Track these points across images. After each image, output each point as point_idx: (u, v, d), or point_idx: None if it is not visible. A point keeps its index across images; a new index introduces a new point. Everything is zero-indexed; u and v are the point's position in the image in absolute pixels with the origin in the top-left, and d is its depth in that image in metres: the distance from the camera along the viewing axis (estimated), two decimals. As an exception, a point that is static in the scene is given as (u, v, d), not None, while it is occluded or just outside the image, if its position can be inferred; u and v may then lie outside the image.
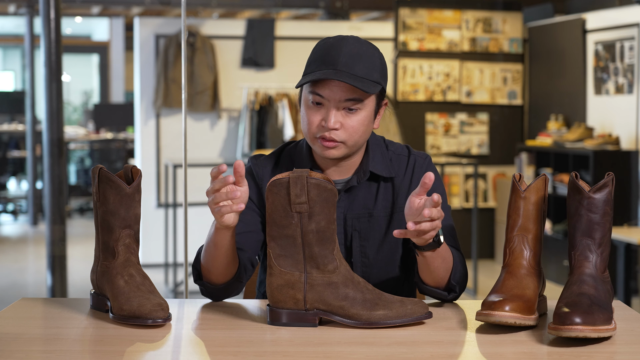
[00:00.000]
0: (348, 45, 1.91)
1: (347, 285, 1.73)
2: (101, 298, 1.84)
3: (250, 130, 7.24)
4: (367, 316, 1.71)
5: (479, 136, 7.69)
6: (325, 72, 1.89)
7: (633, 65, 6.34)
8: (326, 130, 1.92)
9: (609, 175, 1.75)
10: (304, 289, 1.73)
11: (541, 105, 7.50)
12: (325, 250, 1.72)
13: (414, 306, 1.73)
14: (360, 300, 1.72)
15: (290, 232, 1.72)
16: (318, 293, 1.72)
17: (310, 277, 1.73)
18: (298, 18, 9.85)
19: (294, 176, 1.70)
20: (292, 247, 1.72)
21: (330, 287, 1.72)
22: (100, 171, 1.80)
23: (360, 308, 1.71)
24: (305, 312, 1.73)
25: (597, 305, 1.65)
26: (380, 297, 1.73)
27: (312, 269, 1.73)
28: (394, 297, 1.75)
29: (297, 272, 1.73)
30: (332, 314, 1.72)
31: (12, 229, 9.59)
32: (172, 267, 6.67)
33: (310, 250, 1.72)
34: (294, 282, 1.73)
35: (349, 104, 1.91)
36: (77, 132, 10.78)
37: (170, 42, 7.25)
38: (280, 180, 1.71)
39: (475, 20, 7.63)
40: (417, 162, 2.06)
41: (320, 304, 1.73)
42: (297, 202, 1.70)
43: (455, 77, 7.60)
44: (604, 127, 6.68)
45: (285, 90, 7.36)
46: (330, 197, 1.71)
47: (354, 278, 1.74)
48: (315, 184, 1.70)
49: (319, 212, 1.71)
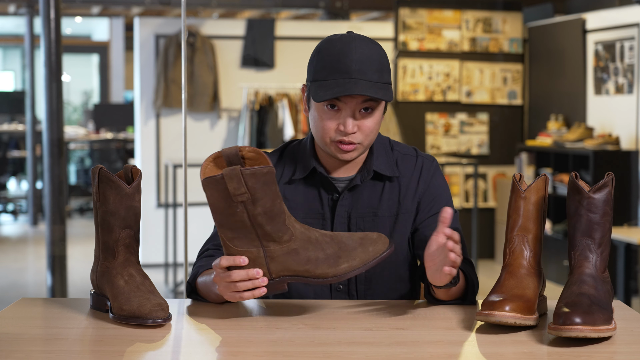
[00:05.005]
0: (356, 49, 1.90)
1: (307, 248, 1.72)
2: (101, 298, 1.84)
3: (250, 130, 7.24)
4: (332, 272, 1.72)
5: (479, 136, 7.69)
6: (342, 83, 1.87)
7: (633, 65, 6.34)
8: (344, 134, 1.92)
9: (608, 175, 1.75)
10: (266, 262, 1.73)
11: (541, 105, 7.50)
12: (277, 225, 1.71)
13: (375, 246, 1.74)
14: (323, 258, 1.72)
15: (238, 218, 1.70)
16: (281, 263, 1.73)
17: (269, 250, 1.73)
18: (298, 18, 9.85)
19: (227, 172, 1.67)
20: (242, 230, 1.71)
21: (291, 254, 1.72)
22: (100, 171, 1.80)
23: (324, 267, 1.72)
24: (273, 281, 1.73)
25: (597, 305, 1.65)
26: (340, 247, 1.73)
27: (269, 242, 1.72)
28: (354, 238, 1.74)
29: (255, 249, 1.73)
30: (298, 277, 1.73)
31: (12, 229, 9.59)
32: (172, 267, 6.67)
33: (263, 229, 1.71)
34: (254, 258, 1.73)
35: (365, 105, 1.91)
36: (77, 132, 10.78)
37: (170, 42, 7.25)
38: (214, 178, 1.68)
39: (475, 20, 7.63)
40: (424, 165, 2.06)
41: (285, 272, 1.73)
42: (237, 194, 1.68)
43: (455, 77, 7.60)
44: (604, 127, 6.67)
45: (285, 90, 7.36)
46: (268, 178, 1.69)
47: (311, 237, 1.73)
48: (251, 174, 1.67)
49: (261, 196, 1.69)
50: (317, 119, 1.94)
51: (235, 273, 1.72)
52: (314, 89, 1.92)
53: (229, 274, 1.72)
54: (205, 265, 1.96)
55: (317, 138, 1.97)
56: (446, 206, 2.03)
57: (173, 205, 6.44)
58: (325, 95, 1.88)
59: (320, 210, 2.02)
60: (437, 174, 2.06)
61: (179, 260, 6.66)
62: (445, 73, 7.57)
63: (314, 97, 1.91)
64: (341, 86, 1.87)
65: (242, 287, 1.72)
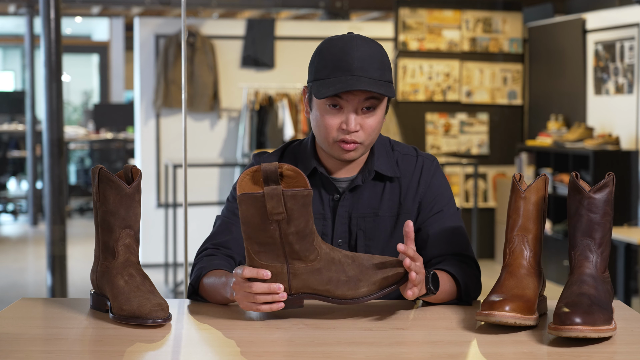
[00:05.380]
0: (357, 47, 1.90)
1: (330, 269, 1.73)
2: (101, 298, 1.84)
3: (250, 130, 7.24)
4: (352, 294, 1.74)
5: (479, 136, 7.69)
6: (344, 80, 1.87)
7: (633, 65, 6.34)
8: (346, 133, 1.92)
9: (609, 175, 1.75)
10: (288, 279, 1.73)
11: (541, 105, 7.50)
12: (305, 244, 1.72)
13: (394, 273, 1.74)
14: (344, 280, 1.73)
15: (269, 234, 1.71)
16: (303, 281, 1.73)
17: (293, 267, 1.73)
18: (298, 18, 9.84)
19: (269, 191, 1.68)
20: (271, 246, 1.72)
21: (314, 274, 1.73)
22: (100, 171, 1.80)
23: (345, 289, 1.73)
24: (291, 296, 1.74)
25: (597, 305, 1.65)
26: (362, 271, 1.74)
27: (294, 260, 1.73)
28: (374, 262, 1.75)
29: (279, 264, 1.73)
30: (317, 295, 1.74)
31: (12, 229, 9.59)
32: (172, 267, 6.67)
33: (291, 248, 1.72)
34: (277, 273, 1.73)
35: (368, 104, 1.91)
36: (77, 132, 10.78)
37: (170, 42, 7.25)
38: (254, 195, 1.68)
39: (475, 20, 7.63)
40: (425, 165, 2.06)
41: (305, 289, 1.74)
42: (274, 213, 1.69)
43: (455, 77, 7.59)
44: (604, 127, 6.67)
45: (285, 90, 7.36)
46: (306, 201, 1.70)
47: (334, 258, 1.74)
48: (291, 196, 1.68)
49: (297, 217, 1.70)
50: (319, 118, 1.94)
51: (257, 285, 1.72)
52: (315, 87, 1.92)
53: (250, 285, 1.72)
54: (207, 266, 1.95)
55: (319, 138, 1.97)
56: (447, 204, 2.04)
57: (173, 205, 6.44)
58: (327, 92, 1.88)
59: (321, 211, 2.01)
60: (438, 173, 2.06)
61: (179, 260, 6.66)
62: (445, 73, 7.57)
63: (315, 94, 1.91)
64: (343, 82, 1.87)
65: (261, 299, 1.73)
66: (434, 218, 2.01)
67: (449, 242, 2.00)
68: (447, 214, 2.02)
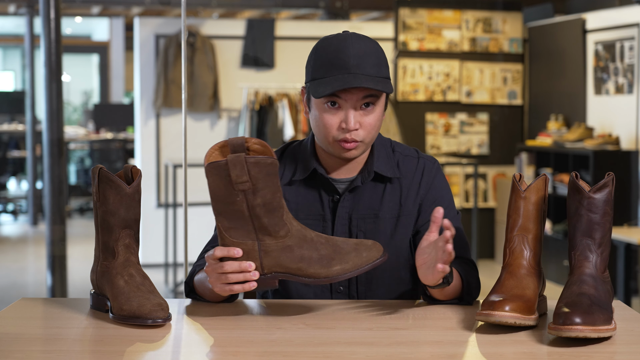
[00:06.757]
0: (353, 44, 1.90)
1: (302, 246, 1.73)
2: (101, 298, 1.84)
3: (250, 130, 7.24)
4: (325, 273, 1.73)
5: (479, 136, 7.69)
6: (341, 78, 1.87)
7: (633, 65, 6.34)
8: (346, 132, 1.91)
9: (609, 175, 1.75)
10: (260, 256, 1.73)
11: (541, 105, 7.50)
12: (274, 218, 1.72)
13: (369, 252, 1.74)
14: (317, 258, 1.73)
15: (237, 207, 1.71)
16: (274, 258, 1.73)
17: (264, 244, 1.73)
18: (298, 18, 9.84)
19: (232, 158, 1.67)
20: (240, 220, 1.72)
21: (285, 250, 1.73)
22: (100, 171, 1.80)
23: (317, 267, 1.72)
24: (264, 276, 1.74)
25: (597, 305, 1.65)
26: (335, 249, 1.74)
27: (264, 236, 1.73)
28: (349, 243, 1.75)
29: (250, 241, 1.73)
30: (290, 274, 1.74)
31: (12, 229, 9.59)
32: (172, 267, 6.67)
33: (260, 221, 1.72)
34: (248, 250, 1.73)
35: (366, 101, 1.91)
36: (77, 132, 10.78)
37: (170, 42, 7.26)
38: (217, 163, 1.68)
39: (475, 20, 7.63)
40: (426, 167, 2.05)
41: (277, 268, 1.74)
42: (239, 182, 1.68)
43: (455, 77, 7.59)
44: (604, 127, 6.67)
45: (285, 90, 7.36)
46: (271, 170, 1.69)
47: (307, 236, 1.74)
48: (255, 163, 1.68)
49: (262, 186, 1.69)
50: (318, 118, 1.94)
51: (227, 264, 1.72)
52: (313, 87, 1.91)
53: (221, 265, 1.73)
54: (202, 264, 1.96)
55: (319, 138, 1.97)
56: (447, 207, 2.04)
57: (173, 205, 6.44)
58: (325, 91, 1.88)
59: (320, 212, 2.01)
60: (439, 175, 2.06)
61: (179, 260, 6.66)
62: (445, 73, 7.57)
63: (313, 94, 1.90)
64: (340, 81, 1.87)
65: (233, 279, 1.72)
66: None
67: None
68: (447, 217, 2.02)
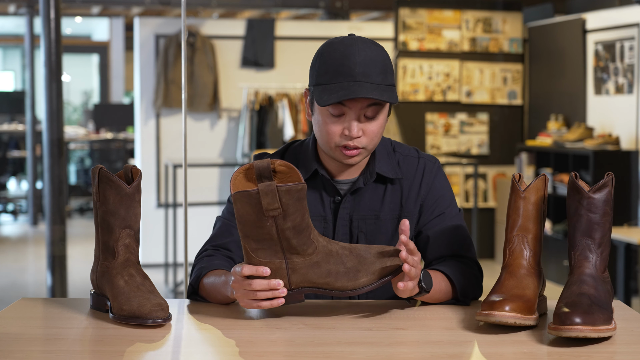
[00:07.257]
0: (359, 51, 1.88)
1: (328, 262, 1.74)
2: (101, 298, 1.84)
3: (250, 130, 7.24)
4: (352, 286, 1.74)
5: (479, 136, 7.69)
6: (347, 86, 1.86)
7: (633, 65, 6.34)
8: (349, 139, 1.91)
9: (608, 175, 1.75)
10: (287, 274, 1.73)
11: (541, 105, 7.50)
12: (303, 239, 1.72)
13: (392, 262, 1.75)
14: (343, 272, 1.74)
15: (266, 231, 1.71)
16: (302, 275, 1.74)
17: (292, 262, 1.73)
18: (298, 18, 9.84)
19: (264, 188, 1.68)
20: (268, 242, 1.72)
21: (313, 267, 1.73)
22: (100, 171, 1.80)
23: (344, 280, 1.73)
24: (291, 292, 1.74)
25: (597, 305, 1.65)
26: (359, 260, 1.75)
27: (292, 255, 1.73)
28: (371, 252, 1.76)
29: (277, 260, 1.73)
30: (317, 288, 1.75)
31: (12, 229, 9.59)
32: (172, 267, 6.67)
33: (289, 243, 1.72)
34: (276, 269, 1.73)
35: (370, 109, 1.90)
36: (77, 132, 10.78)
37: (170, 42, 7.25)
38: (248, 192, 1.69)
39: (475, 20, 7.63)
40: (426, 166, 2.05)
41: (305, 283, 1.74)
42: (270, 209, 1.69)
43: (455, 77, 7.59)
44: (604, 127, 6.67)
45: (285, 90, 7.36)
46: (301, 195, 1.70)
47: (332, 250, 1.75)
48: (286, 191, 1.69)
49: (293, 212, 1.70)
50: (321, 123, 1.93)
51: (256, 282, 1.72)
52: (317, 93, 1.90)
53: (250, 283, 1.72)
54: (207, 266, 1.95)
55: (321, 142, 1.96)
56: (449, 206, 2.04)
57: (173, 205, 6.44)
58: (330, 99, 1.86)
59: (322, 213, 2.01)
60: (440, 175, 2.06)
61: (179, 260, 6.66)
62: (445, 73, 7.57)
63: (318, 101, 1.89)
64: (345, 89, 1.86)
65: (262, 296, 1.73)
66: (436, 221, 2.01)
67: (450, 244, 2.00)
68: (448, 216, 2.02)
